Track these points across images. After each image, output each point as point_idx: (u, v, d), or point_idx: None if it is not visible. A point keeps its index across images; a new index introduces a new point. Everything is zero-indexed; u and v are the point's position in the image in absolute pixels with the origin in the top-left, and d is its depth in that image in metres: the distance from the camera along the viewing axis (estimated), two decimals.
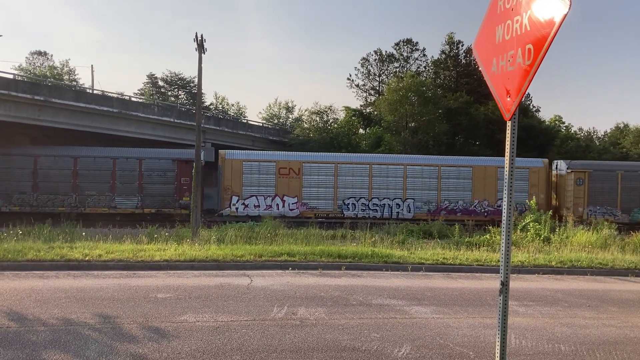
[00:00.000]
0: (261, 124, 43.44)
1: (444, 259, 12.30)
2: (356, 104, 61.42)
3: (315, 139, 37.39)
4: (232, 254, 11.82)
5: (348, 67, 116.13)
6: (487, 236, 16.35)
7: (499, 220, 23.41)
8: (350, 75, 58.06)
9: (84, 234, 14.35)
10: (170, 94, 54.53)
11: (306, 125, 41.59)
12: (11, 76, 25.82)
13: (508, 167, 3.61)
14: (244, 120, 43.42)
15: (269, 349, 5.66)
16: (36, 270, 10.22)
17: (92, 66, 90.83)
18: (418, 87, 36.63)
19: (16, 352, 5.38)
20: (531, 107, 43.49)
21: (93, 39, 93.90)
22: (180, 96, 54.63)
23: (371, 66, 47.84)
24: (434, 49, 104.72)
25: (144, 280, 9.41)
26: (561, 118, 46.37)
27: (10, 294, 8.00)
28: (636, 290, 10.24)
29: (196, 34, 16.81)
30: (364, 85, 48.45)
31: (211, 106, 54.27)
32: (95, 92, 32.92)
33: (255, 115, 71.44)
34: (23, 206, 22.75)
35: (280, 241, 14.26)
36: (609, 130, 57.75)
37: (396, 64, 47.55)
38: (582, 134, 53.63)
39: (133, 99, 33.95)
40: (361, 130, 42.34)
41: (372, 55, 47.62)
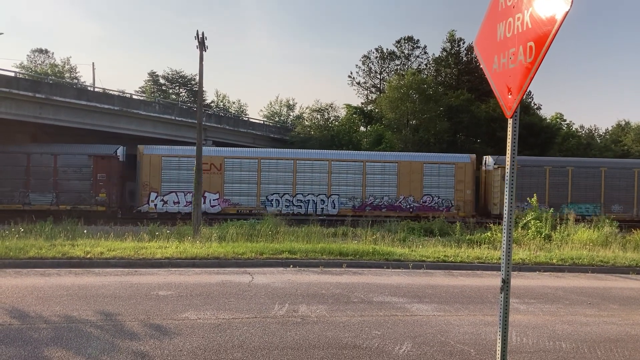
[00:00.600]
0: (262, 122, 43.40)
1: (445, 256, 12.31)
2: (357, 101, 61.54)
3: (316, 136, 37.37)
4: (233, 251, 11.83)
5: (349, 64, 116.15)
6: (488, 234, 16.38)
7: (424, 216, 23.38)
8: (351, 73, 57.87)
9: (85, 231, 14.38)
10: (171, 91, 54.51)
11: (307, 123, 41.59)
12: (12, 74, 25.89)
13: (509, 165, 3.61)
14: (245, 118, 43.37)
15: (270, 347, 5.67)
16: (38, 267, 10.24)
17: (93, 64, 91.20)
18: (419, 84, 36.59)
19: (18, 350, 5.39)
20: (532, 104, 43.36)
21: (94, 36, 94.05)
22: (181, 94, 54.60)
23: (372, 64, 47.82)
24: (435, 46, 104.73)
25: (146, 278, 9.43)
26: (562, 116, 46.26)
27: (12, 291, 8.02)
28: (637, 288, 10.23)
29: (197, 31, 16.82)
30: (365, 82, 48.43)
31: (212, 104, 54.23)
32: (96, 89, 32.92)
33: (256, 113, 71.38)
34: None
35: (282, 239, 14.28)
36: (610, 128, 57.86)
37: (397, 62, 47.48)
38: (583, 131, 53.66)
39: (134, 96, 33.91)
40: (362, 128, 42.30)
41: (373, 53, 47.61)
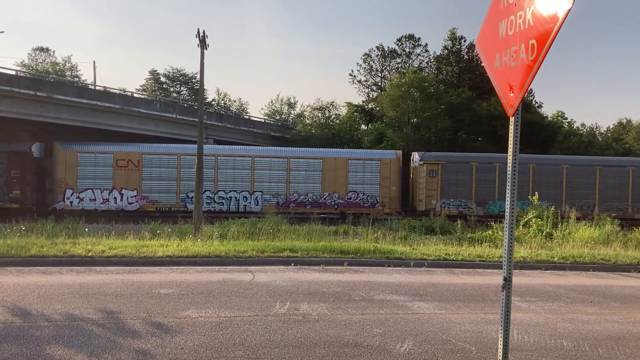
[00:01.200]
0: (263, 120, 43.39)
1: (446, 254, 12.30)
2: (358, 99, 61.34)
3: (317, 134, 37.35)
4: (234, 249, 11.84)
5: (350, 62, 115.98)
6: (490, 232, 16.36)
7: (349, 212, 23.25)
8: (352, 71, 57.80)
9: (86, 230, 14.39)
10: (172, 90, 54.47)
11: (308, 121, 41.55)
12: (13, 72, 25.82)
13: (511, 163, 3.60)
14: (246, 117, 43.34)
15: (272, 344, 5.67)
16: (39, 266, 10.26)
17: (94, 62, 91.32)
18: (420, 82, 36.53)
19: (20, 347, 5.40)
20: (534, 102, 43.32)
21: (95, 35, 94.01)
22: (182, 92, 54.56)
23: (373, 62, 47.71)
24: (436, 44, 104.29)
25: (147, 276, 9.43)
26: (564, 114, 46.27)
27: (13, 289, 8.04)
28: (639, 286, 10.22)
29: (198, 30, 16.86)
30: (366, 81, 48.34)
31: (213, 102, 54.22)
32: (97, 88, 32.93)
33: (257, 111, 71.28)
34: None
35: (283, 237, 14.29)
36: (611, 126, 57.77)
37: (398, 60, 47.38)
38: (584, 129, 53.58)
39: (135, 95, 33.96)
40: (363, 126, 42.27)
41: (374, 51, 47.48)
